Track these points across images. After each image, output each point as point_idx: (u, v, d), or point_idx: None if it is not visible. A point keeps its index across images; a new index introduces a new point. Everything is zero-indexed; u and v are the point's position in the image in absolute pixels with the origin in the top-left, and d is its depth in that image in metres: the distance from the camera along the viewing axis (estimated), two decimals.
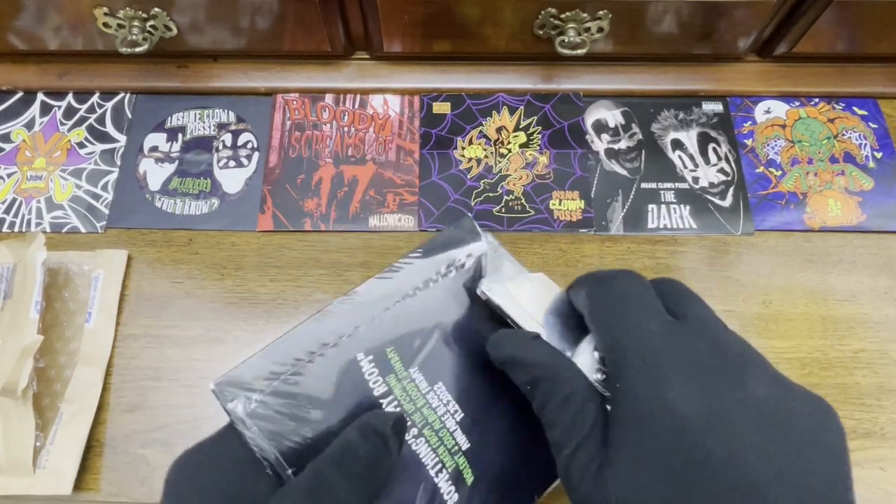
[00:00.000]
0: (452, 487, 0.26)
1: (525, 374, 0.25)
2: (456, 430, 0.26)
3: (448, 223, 0.50)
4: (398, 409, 0.26)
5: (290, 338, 0.26)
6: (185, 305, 0.47)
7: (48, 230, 0.50)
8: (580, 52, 0.48)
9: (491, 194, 0.51)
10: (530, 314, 0.27)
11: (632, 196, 0.51)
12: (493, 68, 0.55)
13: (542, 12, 0.47)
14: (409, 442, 0.26)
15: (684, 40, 0.50)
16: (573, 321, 0.27)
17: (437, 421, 0.26)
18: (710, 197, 0.51)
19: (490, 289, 0.29)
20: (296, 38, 0.50)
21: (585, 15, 0.47)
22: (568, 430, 0.23)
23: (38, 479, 0.40)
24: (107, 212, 0.51)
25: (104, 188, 0.51)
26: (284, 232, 0.50)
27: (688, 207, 0.51)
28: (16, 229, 0.50)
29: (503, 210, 0.51)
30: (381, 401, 0.26)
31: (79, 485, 0.41)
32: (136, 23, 0.48)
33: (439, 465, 0.26)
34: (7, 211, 0.50)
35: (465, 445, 0.26)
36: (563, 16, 0.47)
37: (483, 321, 0.29)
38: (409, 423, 0.26)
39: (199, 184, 0.52)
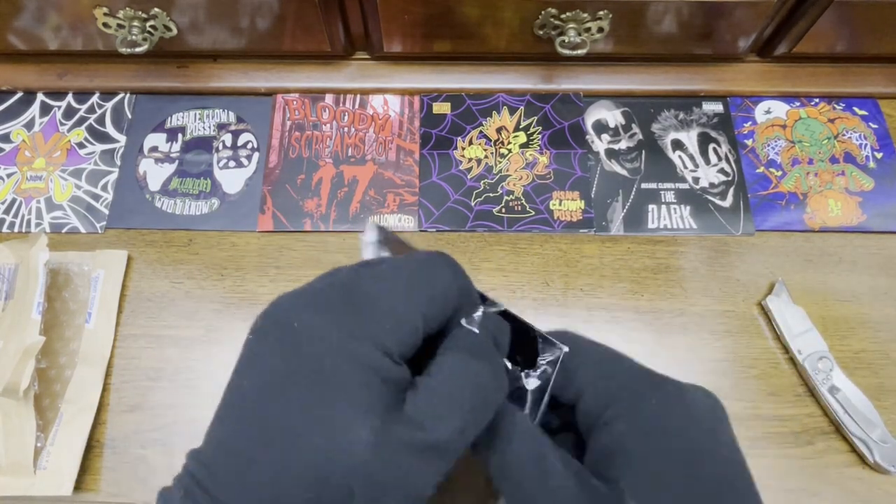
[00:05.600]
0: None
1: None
2: None
3: (450, 224, 0.50)
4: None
5: None
6: (185, 306, 0.47)
7: (48, 230, 0.50)
8: (580, 52, 0.48)
9: (491, 194, 0.51)
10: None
11: (632, 196, 0.51)
12: (494, 68, 0.55)
13: (543, 12, 0.47)
14: None
15: (684, 40, 0.50)
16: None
17: None
18: (710, 197, 0.51)
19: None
20: (296, 38, 0.50)
21: (586, 15, 0.47)
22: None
23: (39, 479, 0.40)
24: (107, 212, 0.51)
25: (104, 188, 0.51)
26: (284, 232, 0.50)
27: (688, 208, 0.51)
28: (15, 230, 0.50)
29: (503, 210, 0.51)
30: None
31: (79, 485, 0.41)
32: (135, 23, 0.48)
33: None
34: (7, 211, 0.50)
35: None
36: (563, 16, 0.47)
37: None
38: None
39: (199, 184, 0.52)
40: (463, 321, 0.22)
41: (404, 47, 0.51)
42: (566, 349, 0.24)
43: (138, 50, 0.48)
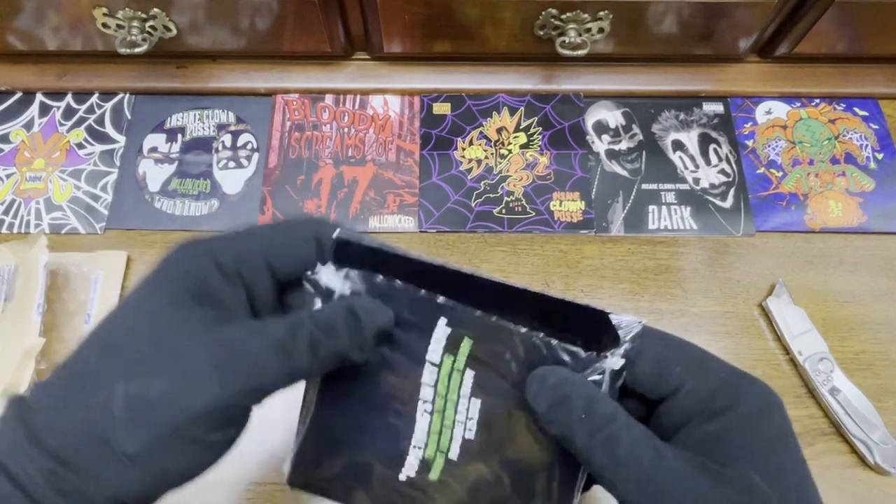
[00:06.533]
0: (416, 468, 0.25)
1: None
2: (456, 440, 0.26)
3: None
4: (430, 386, 0.24)
5: (430, 262, 0.24)
6: None
7: (47, 231, 0.50)
8: (581, 52, 0.48)
9: (491, 195, 0.51)
10: None
11: (632, 197, 0.51)
12: (494, 69, 0.55)
13: (543, 13, 0.46)
14: (419, 409, 0.25)
15: (685, 41, 0.50)
16: None
17: (449, 420, 0.25)
18: (710, 198, 0.51)
19: None
20: (296, 39, 0.50)
21: (586, 15, 0.47)
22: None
23: None
24: (106, 213, 0.50)
25: (103, 189, 0.51)
26: None
27: (688, 208, 0.51)
28: (15, 230, 0.50)
29: (503, 211, 0.50)
30: (422, 365, 0.24)
31: None
32: (135, 23, 0.48)
33: (422, 445, 0.25)
34: (6, 212, 0.50)
35: (453, 455, 0.25)
36: (563, 16, 0.47)
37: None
38: (429, 401, 0.25)
39: (198, 185, 0.52)
40: (307, 273, 0.23)
41: (404, 48, 0.51)
42: (643, 321, 0.23)
43: (138, 50, 0.48)
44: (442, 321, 0.24)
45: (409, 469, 0.25)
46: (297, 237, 0.23)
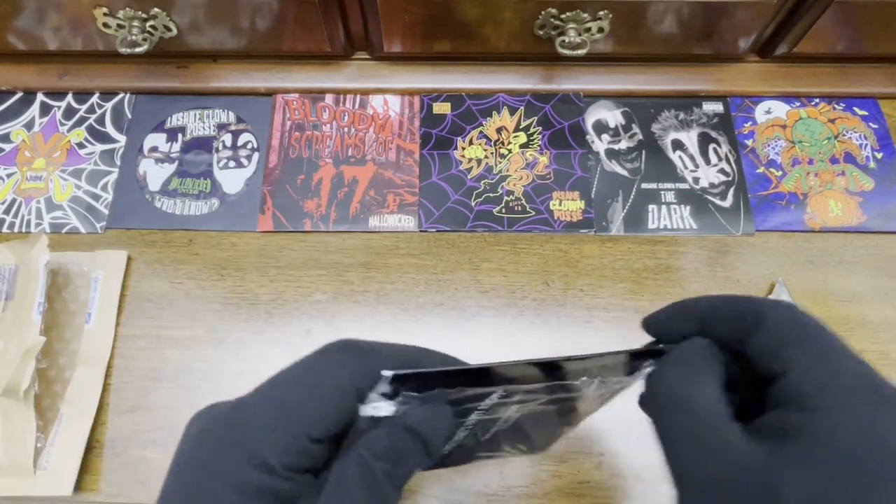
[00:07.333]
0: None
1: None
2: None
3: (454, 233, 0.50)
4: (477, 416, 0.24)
5: (474, 367, 0.23)
6: (185, 306, 0.47)
7: (48, 231, 0.50)
8: (580, 52, 0.48)
9: (491, 195, 0.51)
10: None
11: (632, 196, 0.51)
12: (494, 68, 0.55)
13: (543, 12, 0.47)
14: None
15: (685, 40, 0.50)
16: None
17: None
18: (710, 197, 0.51)
19: None
20: (296, 39, 0.50)
21: (586, 15, 0.47)
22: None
23: (39, 479, 0.40)
24: (106, 212, 0.50)
25: (104, 188, 0.51)
26: (284, 232, 0.50)
27: (688, 208, 0.51)
28: (15, 230, 0.50)
29: (503, 210, 0.50)
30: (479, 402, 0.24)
31: (79, 485, 0.41)
32: (135, 23, 0.48)
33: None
34: (7, 211, 0.50)
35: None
36: (563, 16, 0.47)
37: None
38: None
39: (198, 184, 0.52)
40: (360, 410, 0.21)
41: (404, 47, 0.51)
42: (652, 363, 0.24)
43: (138, 50, 0.48)
44: (494, 395, 0.24)
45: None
46: (332, 391, 0.21)
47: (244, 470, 0.20)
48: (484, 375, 0.22)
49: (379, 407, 0.21)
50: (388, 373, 0.21)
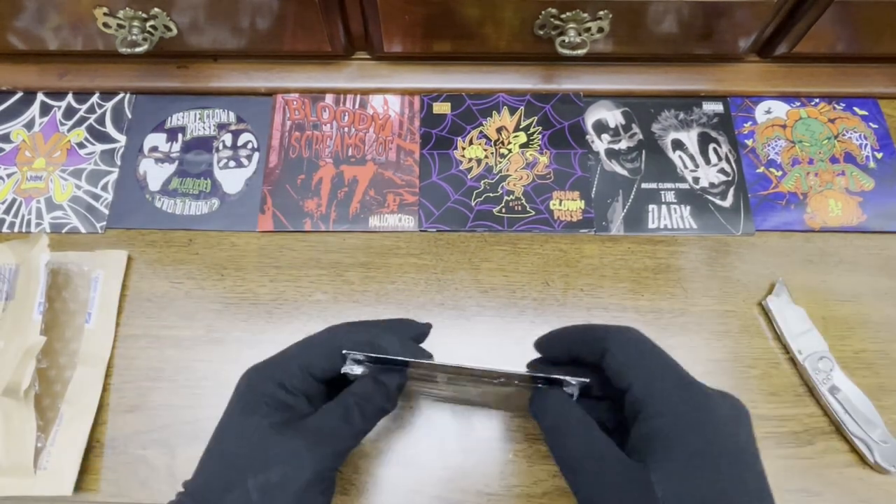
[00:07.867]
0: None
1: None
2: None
3: (451, 224, 0.50)
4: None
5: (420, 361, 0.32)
6: (185, 306, 0.47)
7: (48, 230, 0.50)
8: (580, 52, 0.48)
9: (491, 194, 0.51)
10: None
11: (632, 196, 0.51)
12: (494, 68, 0.55)
13: (543, 12, 0.47)
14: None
15: (685, 40, 0.50)
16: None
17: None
18: (710, 197, 0.51)
19: None
20: (296, 38, 0.50)
21: (586, 15, 0.47)
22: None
23: (39, 479, 0.40)
24: (107, 212, 0.51)
25: (104, 188, 0.51)
26: (284, 232, 0.50)
27: (688, 208, 0.51)
28: (16, 230, 0.50)
29: (503, 210, 0.51)
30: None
31: (79, 485, 0.41)
32: (135, 23, 0.48)
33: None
34: (7, 211, 0.50)
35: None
36: (563, 16, 0.47)
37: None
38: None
39: (199, 184, 0.52)
40: (343, 370, 0.33)
41: (404, 47, 0.51)
42: (583, 383, 0.32)
43: (138, 50, 0.48)
44: (444, 376, 0.33)
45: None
46: (326, 351, 0.33)
47: (272, 389, 0.31)
48: (403, 366, 0.32)
49: (353, 368, 0.33)
50: (345, 352, 0.32)
